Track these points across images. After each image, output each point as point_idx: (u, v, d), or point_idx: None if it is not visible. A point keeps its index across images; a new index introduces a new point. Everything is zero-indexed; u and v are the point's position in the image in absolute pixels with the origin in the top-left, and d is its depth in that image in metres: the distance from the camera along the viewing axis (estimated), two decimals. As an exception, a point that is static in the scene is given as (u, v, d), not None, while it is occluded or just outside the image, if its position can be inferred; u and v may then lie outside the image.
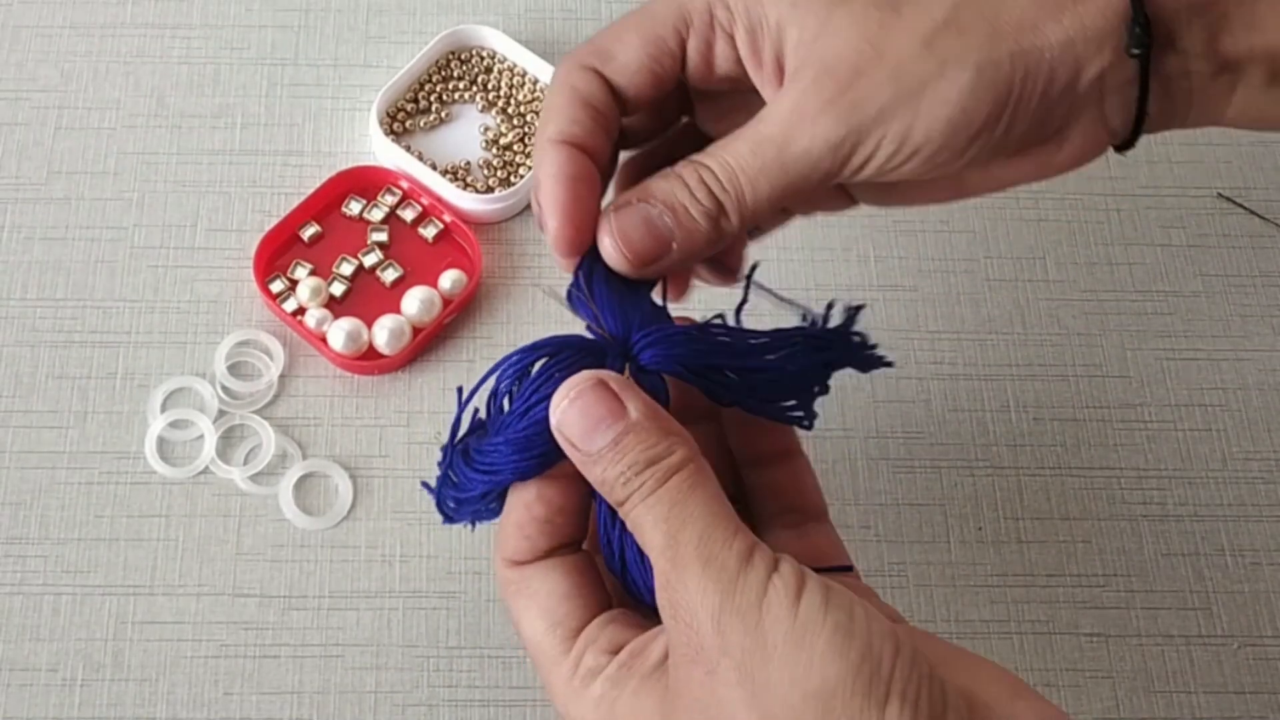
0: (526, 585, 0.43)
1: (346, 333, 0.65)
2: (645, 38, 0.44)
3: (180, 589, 0.61)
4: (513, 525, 0.44)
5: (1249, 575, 0.64)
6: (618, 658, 0.41)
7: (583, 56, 0.45)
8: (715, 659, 0.37)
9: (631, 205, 0.43)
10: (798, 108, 0.42)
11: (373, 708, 0.59)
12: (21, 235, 0.68)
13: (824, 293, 0.68)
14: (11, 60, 0.73)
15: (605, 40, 0.45)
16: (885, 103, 0.42)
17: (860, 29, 0.42)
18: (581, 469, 0.42)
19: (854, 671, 0.36)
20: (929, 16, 0.42)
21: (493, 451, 0.44)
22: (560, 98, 0.45)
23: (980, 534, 0.64)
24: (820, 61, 0.42)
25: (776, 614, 0.37)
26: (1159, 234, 0.72)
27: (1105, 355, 0.68)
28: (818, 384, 0.47)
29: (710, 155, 0.43)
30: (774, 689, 0.37)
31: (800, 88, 0.42)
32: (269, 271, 0.67)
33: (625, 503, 0.41)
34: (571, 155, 0.44)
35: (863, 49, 0.42)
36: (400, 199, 0.69)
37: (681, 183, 0.43)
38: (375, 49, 0.74)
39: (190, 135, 0.71)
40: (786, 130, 0.42)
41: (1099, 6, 0.42)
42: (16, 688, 0.59)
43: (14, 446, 0.63)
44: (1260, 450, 0.66)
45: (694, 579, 0.38)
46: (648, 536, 0.40)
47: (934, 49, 0.42)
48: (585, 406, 0.41)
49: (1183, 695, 0.61)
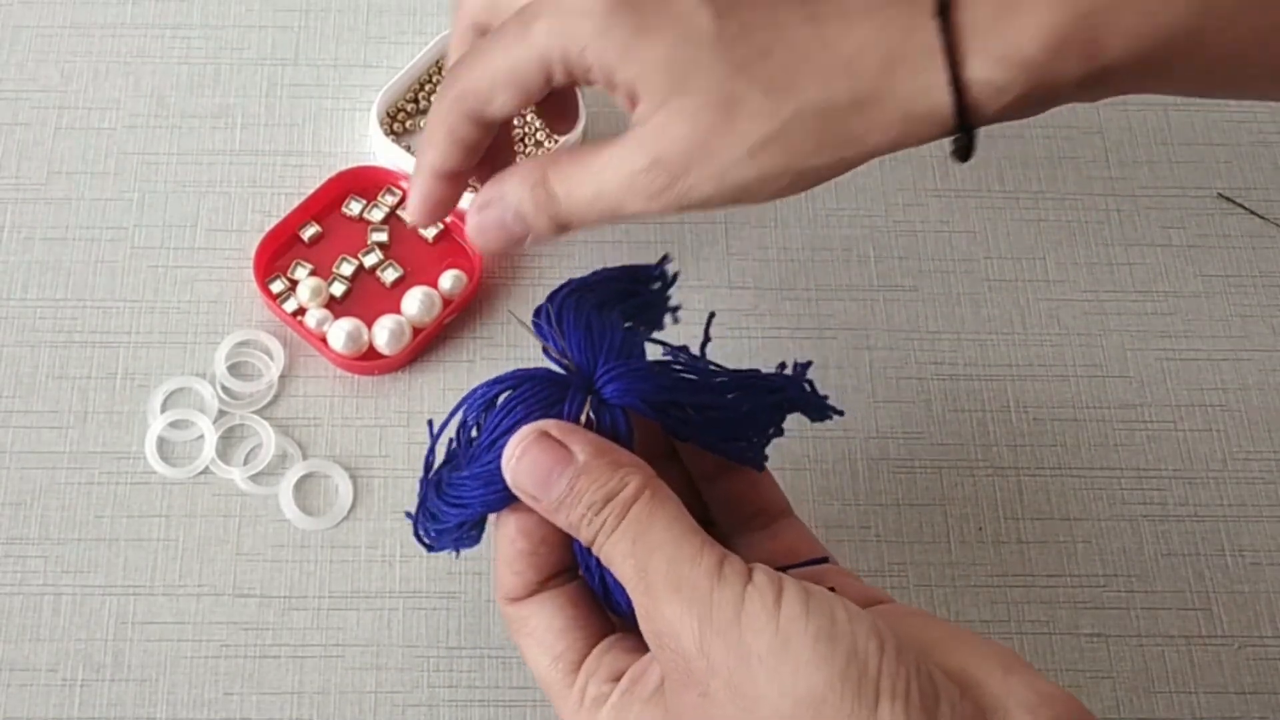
0: (525, 623, 0.45)
1: (347, 333, 0.65)
2: (517, 90, 0.48)
3: (180, 589, 0.61)
4: (502, 563, 0.45)
5: (1249, 575, 0.64)
6: (619, 685, 0.42)
7: (462, 101, 0.49)
8: (705, 681, 0.38)
9: (490, 207, 0.50)
10: (633, 184, 0.46)
11: (373, 708, 0.59)
12: (22, 235, 0.68)
13: (824, 293, 0.69)
14: (12, 60, 0.73)
15: (479, 84, 0.49)
16: (708, 195, 0.46)
17: (692, 126, 0.45)
18: (548, 518, 0.43)
19: (841, 675, 0.36)
20: (758, 129, 0.45)
21: (461, 485, 0.45)
22: (437, 135, 0.50)
23: (980, 534, 0.64)
24: (656, 145, 0.46)
25: (757, 626, 0.37)
26: (1159, 234, 0.72)
27: (1105, 355, 0.68)
28: (772, 426, 0.48)
29: (560, 181, 0.48)
30: (764, 701, 0.37)
31: (639, 166, 0.46)
32: (269, 272, 0.67)
33: (594, 542, 0.42)
34: (440, 184, 0.52)
35: (692, 148, 0.45)
36: (400, 199, 0.69)
37: (532, 201, 0.49)
38: (375, 49, 0.74)
39: (190, 135, 0.71)
40: (620, 196, 0.47)
41: (928, 125, 0.45)
42: (16, 688, 0.59)
43: (14, 446, 0.63)
44: (1261, 450, 0.66)
45: (669, 607, 0.39)
46: (620, 571, 0.41)
47: (757, 159, 0.45)
48: (534, 459, 0.43)
49: (1183, 696, 0.61)
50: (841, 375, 0.67)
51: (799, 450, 0.65)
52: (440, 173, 0.51)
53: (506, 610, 0.46)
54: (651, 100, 0.46)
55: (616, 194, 0.47)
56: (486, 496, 0.44)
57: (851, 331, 0.68)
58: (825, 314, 0.68)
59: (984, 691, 0.38)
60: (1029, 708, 0.38)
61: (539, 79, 0.48)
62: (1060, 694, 0.38)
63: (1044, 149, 0.74)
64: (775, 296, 0.68)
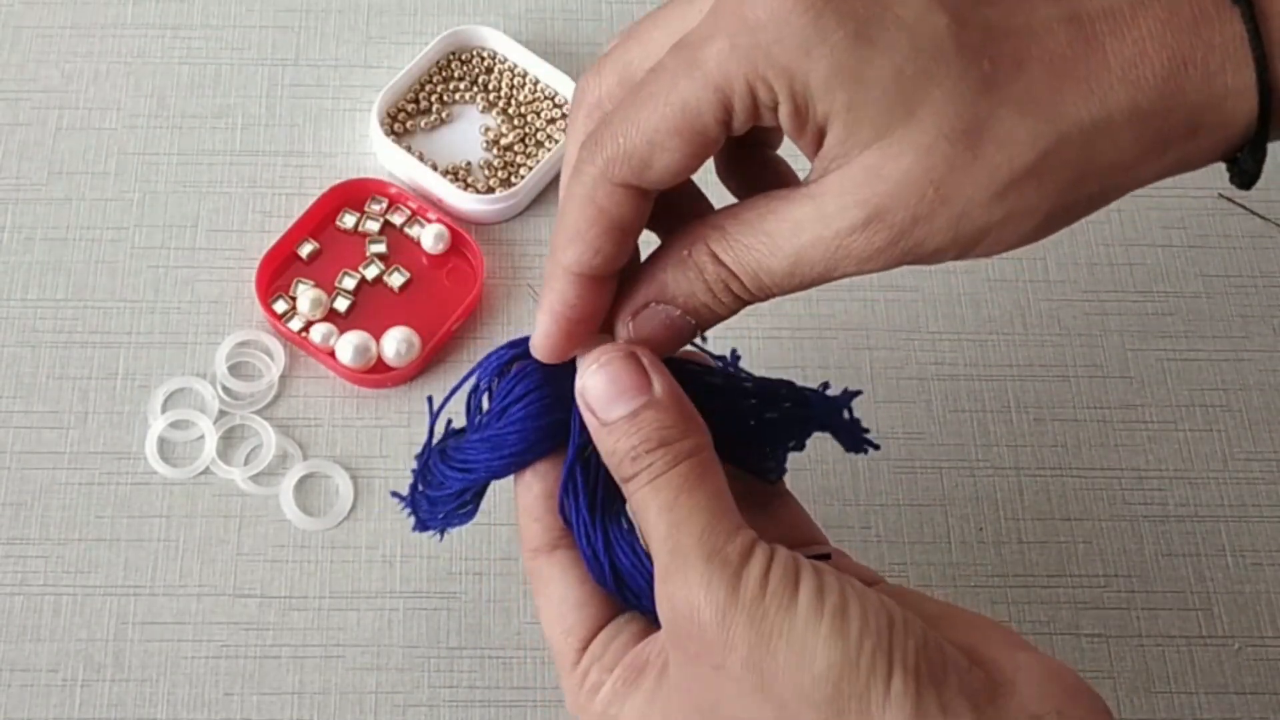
0: (545, 584, 0.44)
1: (355, 346, 0.64)
2: (686, 137, 0.38)
3: (181, 589, 0.61)
4: (524, 515, 0.44)
5: (1250, 576, 0.64)
6: (616, 673, 0.42)
7: (611, 166, 0.39)
8: (721, 655, 0.38)
9: (651, 309, 0.41)
10: (845, 247, 0.38)
11: (373, 708, 0.59)
12: (22, 236, 0.68)
13: (824, 293, 0.69)
14: (12, 60, 0.73)
15: (637, 142, 0.39)
16: (938, 247, 0.38)
17: (925, 165, 0.36)
18: (595, 437, 0.41)
19: (856, 650, 0.37)
20: (1010, 163, 0.37)
21: (469, 449, 0.44)
22: (581, 220, 0.40)
23: (981, 534, 0.64)
24: (872, 195, 0.37)
25: (778, 605, 0.37)
26: (1160, 234, 0.72)
27: (1106, 356, 0.68)
28: (793, 440, 0.47)
29: (739, 261, 0.39)
30: (783, 676, 0.37)
31: (848, 224, 0.37)
32: (270, 292, 0.67)
33: (631, 480, 0.40)
34: (583, 291, 0.41)
35: (925, 192, 0.37)
36: (387, 205, 0.69)
37: (706, 288, 0.40)
38: (376, 49, 0.74)
39: (191, 136, 0.71)
40: (829, 261, 0.38)
41: (1214, 142, 0.38)
42: (17, 688, 0.59)
43: (14, 447, 0.63)
44: (1261, 451, 0.66)
45: (696, 573, 0.38)
46: (650, 524, 0.40)
47: (1006, 200, 0.37)
48: (613, 374, 0.41)
49: (1184, 696, 0.61)
50: (841, 375, 0.67)
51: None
52: (586, 275, 0.41)
53: (530, 565, 0.44)
54: (859, 133, 0.37)
55: (823, 263, 0.38)
56: (492, 462, 0.44)
57: (851, 331, 0.68)
58: (825, 314, 0.68)
59: (992, 665, 0.38)
60: (1036, 682, 0.38)
61: (715, 117, 0.38)
62: (1066, 670, 0.39)
63: (1044, 149, 0.74)
64: (776, 297, 0.68)
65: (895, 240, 0.37)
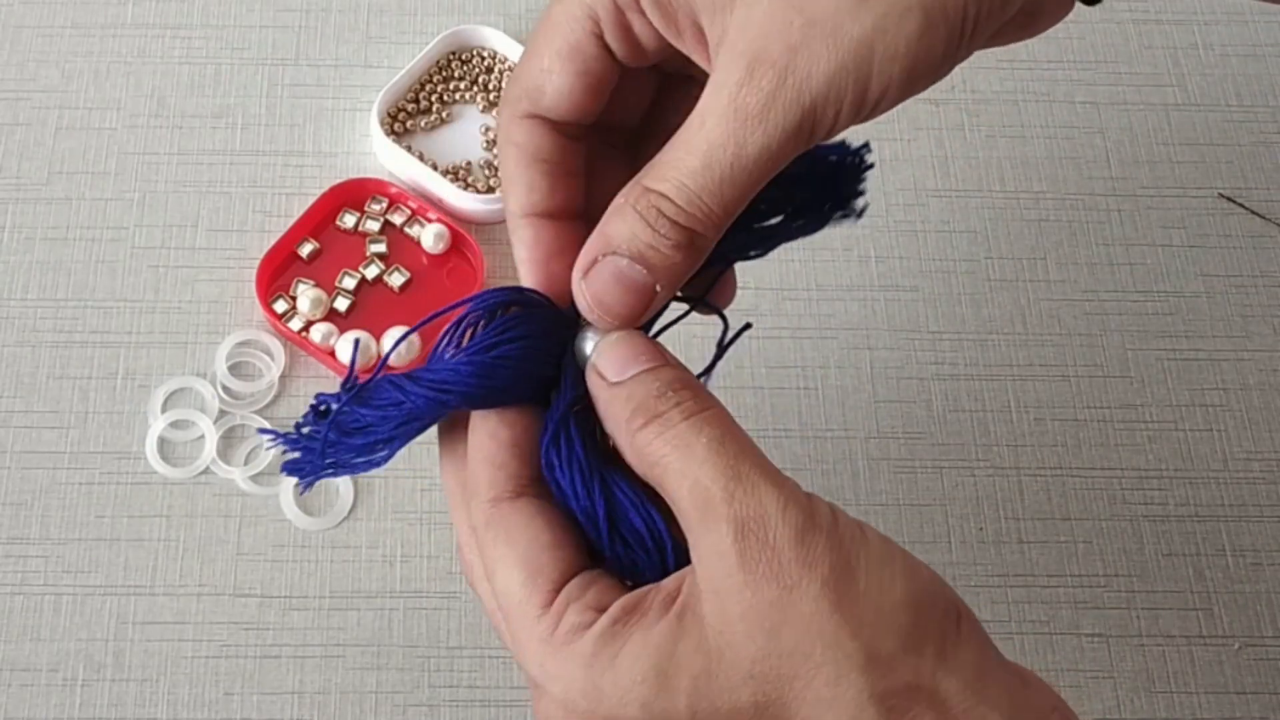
0: (506, 531, 0.40)
1: (355, 346, 0.64)
2: (564, 55, 0.41)
3: (181, 589, 0.61)
4: (482, 461, 0.41)
5: (1250, 575, 0.64)
6: (609, 613, 0.38)
7: (514, 105, 0.42)
8: (797, 574, 0.37)
9: (598, 263, 0.40)
10: (740, 107, 0.37)
11: (374, 708, 0.59)
12: (22, 235, 0.68)
13: (824, 293, 0.69)
14: (12, 60, 0.73)
15: (528, 75, 0.41)
16: (831, 73, 0.37)
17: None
18: (605, 405, 0.40)
19: (936, 586, 0.38)
20: None
21: (448, 370, 0.41)
22: (510, 163, 0.42)
23: (981, 534, 0.64)
24: (746, 44, 0.37)
25: (853, 536, 0.38)
26: (1160, 234, 0.72)
27: (1106, 355, 0.68)
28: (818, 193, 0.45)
29: (662, 177, 0.39)
30: (864, 598, 0.37)
31: (735, 80, 0.37)
32: (270, 292, 0.67)
33: (661, 417, 0.39)
34: (539, 232, 0.42)
35: (790, 19, 0.37)
36: (387, 205, 0.69)
37: (642, 222, 0.39)
38: (376, 49, 0.74)
39: (191, 136, 0.71)
40: (737, 133, 0.38)
41: None
42: (17, 688, 0.59)
43: (15, 446, 0.63)
44: (1261, 450, 0.66)
45: (769, 495, 0.37)
46: (700, 450, 0.38)
47: (868, 2, 0.37)
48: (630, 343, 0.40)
49: (1184, 696, 0.61)
50: (841, 375, 0.67)
51: (799, 450, 0.65)
52: (531, 213, 0.42)
53: (489, 513, 0.40)
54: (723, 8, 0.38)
55: (726, 136, 0.38)
56: (473, 389, 0.40)
57: (851, 331, 0.68)
58: (825, 314, 0.68)
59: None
60: None
61: (586, 30, 0.40)
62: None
63: (1045, 149, 0.74)
64: (775, 296, 0.68)
65: (782, 78, 0.37)
